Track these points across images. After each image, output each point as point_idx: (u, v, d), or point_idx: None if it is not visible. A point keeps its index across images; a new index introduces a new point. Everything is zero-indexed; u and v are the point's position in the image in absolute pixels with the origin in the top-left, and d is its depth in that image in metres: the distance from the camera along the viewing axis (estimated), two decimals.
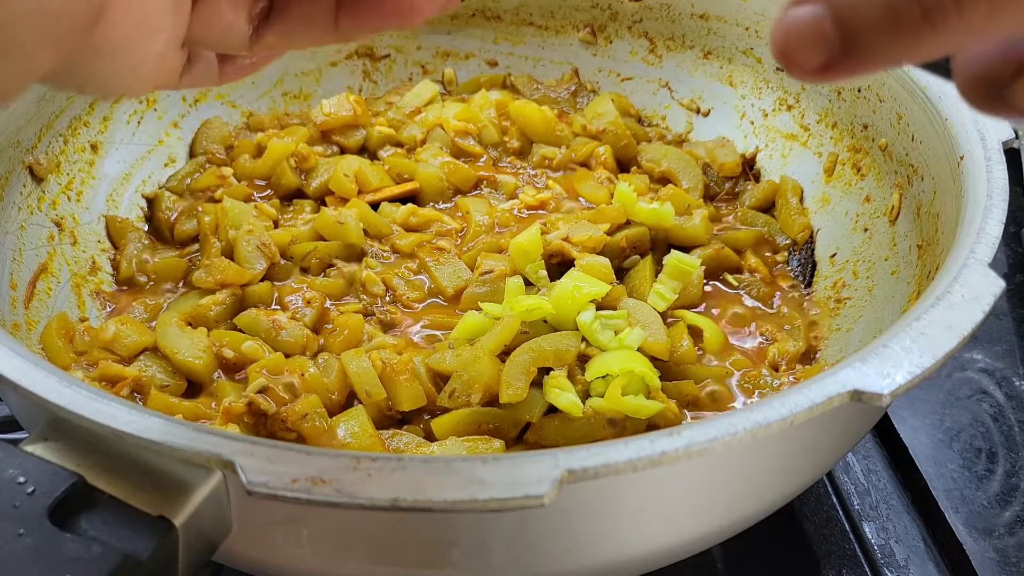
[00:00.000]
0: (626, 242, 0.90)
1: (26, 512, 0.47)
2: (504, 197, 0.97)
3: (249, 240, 0.87)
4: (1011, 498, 0.81)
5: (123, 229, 0.94)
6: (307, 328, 0.81)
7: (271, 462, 0.48)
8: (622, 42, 1.13)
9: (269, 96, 1.10)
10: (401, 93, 1.11)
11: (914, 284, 0.78)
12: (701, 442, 0.50)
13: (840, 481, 0.84)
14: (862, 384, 0.53)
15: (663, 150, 1.02)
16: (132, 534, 0.48)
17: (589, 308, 0.77)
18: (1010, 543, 0.78)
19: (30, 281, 0.82)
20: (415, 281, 0.88)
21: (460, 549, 0.54)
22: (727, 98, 1.08)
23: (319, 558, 0.55)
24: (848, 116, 0.95)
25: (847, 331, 0.85)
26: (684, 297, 0.86)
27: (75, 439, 0.51)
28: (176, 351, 0.78)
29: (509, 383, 0.72)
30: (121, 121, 0.98)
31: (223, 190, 0.96)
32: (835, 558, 0.78)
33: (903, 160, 0.86)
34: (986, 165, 0.72)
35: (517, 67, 1.16)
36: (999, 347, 0.96)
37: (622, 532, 0.56)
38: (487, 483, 0.47)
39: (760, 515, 0.64)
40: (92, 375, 0.76)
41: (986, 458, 0.85)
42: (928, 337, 0.56)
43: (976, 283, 0.60)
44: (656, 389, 0.75)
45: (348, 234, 0.89)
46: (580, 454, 0.49)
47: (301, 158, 0.97)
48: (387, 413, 0.75)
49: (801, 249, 0.96)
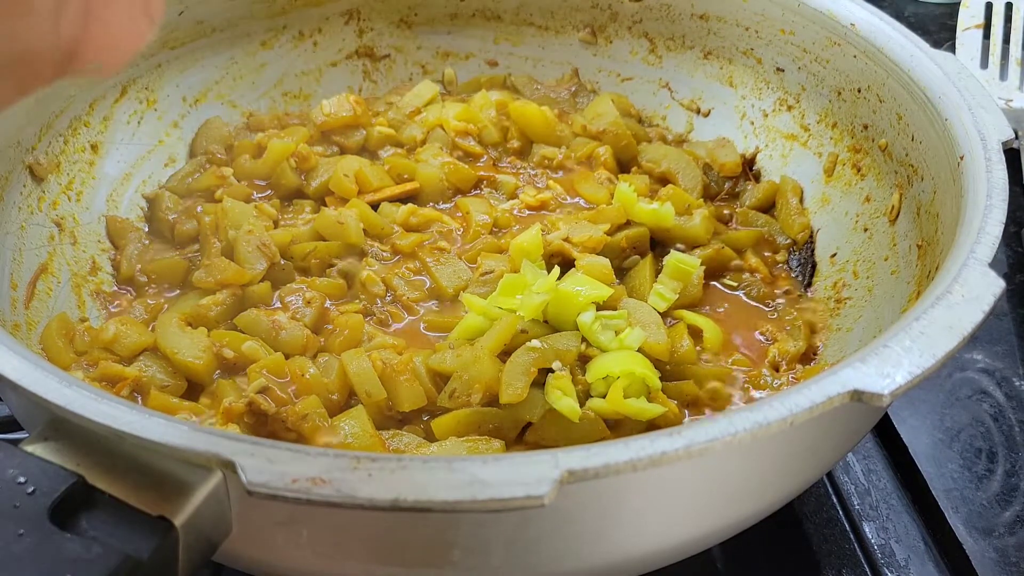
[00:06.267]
0: (626, 242, 0.90)
1: (26, 512, 0.47)
2: (504, 197, 0.97)
3: (249, 240, 0.87)
4: (1011, 498, 0.81)
5: (123, 229, 0.93)
6: (307, 328, 0.81)
7: (271, 462, 0.48)
8: (622, 42, 1.13)
9: (269, 96, 1.10)
10: (401, 93, 1.11)
11: (914, 284, 0.78)
12: (701, 442, 0.50)
13: (840, 481, 0.84)
14: (862, 384, 0.53)
15: (663, 150, 1.02)
16: (132, 534, 0.48)
17: (589, 308, 0.78)
18: (1010, 543, 0.78)
19: (30, 281, 0.82)
20: (415, 281, 0.88)
21: (460, 549, 0.54)
22: (727, 98, 1.08)
23: (319, 558, 0.55)
24: (848, 116, 0.95)
25: (847, 331, 0.85)
26: (684, 297, 0.86)
27: (75, 439, 0.51)
28: (176, 351, 0.78)
29: (509, 383, 0.72)
30: (121, 121, 0.98)
31: (223, 190, 0.96)
32: (835, 558, 0.78)
33: (903, 160, 0.86)
34: (986, 165, 0.72)
35: (517, 67, 1.16)
36: (999, 347, 0.96)
37: (622, 532, 0.56)
38: (487, 483, 0.47)
39: (760, 515, 0.64)
40: (92, 375, 0.76)
41: (986, 458, 0.85)
42: (928, 337, 0.56)
43: (976, 283, 0.60)
44: (656, 390, 0.75)
45: (348, 234, 0.89)
46: (580, 454, 0.49)
47: (301, 158, 0.97)
48: (387, 413, 0.75)
49: (801, 249, 0.96)
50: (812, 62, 0.98)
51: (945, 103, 0.79)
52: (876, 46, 0.89)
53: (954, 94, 0.79)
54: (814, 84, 0.99)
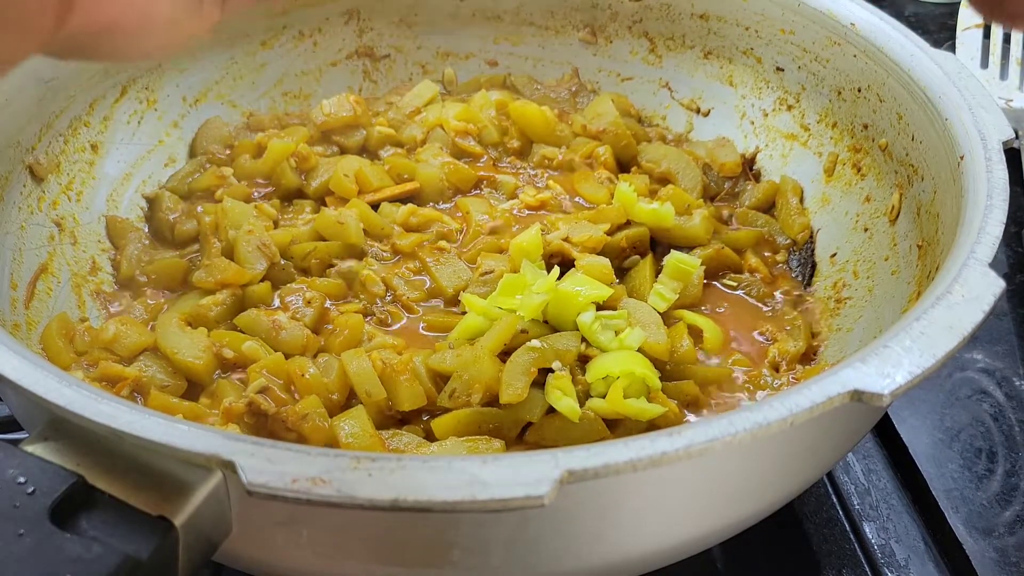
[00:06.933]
0: (626, 242, 0.90)
1: (26, 512, 0.47)
2: (504, 197, 0.97)
3: (249, 240, 0.87)
4: (1011, 498, 0.81)
5: (123, 229, 0.93)
6: (307, 328, 0.81)
7: (271, 462, 0.48)
8: (622, 42, 1.13)
9: (269, 96, 1.10)
10: (401, 93, 1.11)
11: (914, 284, 0.78)
12: (701, 442, 0.50)
13: (840, 481, 0.84)
14: (862, 384, 0.53)
15: (663, 150, 1.02)
16: (132, 534, 0.48)
17: (589, 308, 0.78)
18: (1010, 543, 0.78)
19: (30, 281, 0.82)
20: (415, 281, 0.88)
21: (460, 549, 0.54)
22: (727, 98, 1.08)
23: (319, 558, 0.55)
24: (848, 116, 0.95)
25: (847, 331, 0.85)
26: (684, 297, 0.86)
27: (75, 439, 0.51)
28: (176, 351, 0.78)
29: (509, 383, 0.72)
30: (121, 121, 0.98)
31: (223, 190, 0.96)
32: (835, 558, 0.78)
33: (903, 160, 0.86)
34: (986, 165, 0.71)
35: (517, 67, 1.16)
36: (999, 347, 0.96)
37: (622, 532, 0.56)
38: (487, 483, 0.47)
39: (760, 515, 0.64)
40: (92, 375, 0.76)
41: (986, 458, 0.85)
42: (928, 337, 0.56)
43: (976, 283, 0.60)
44: (656, 390, 0.75)
45: (348, 234, 0.89)
46: (580, 454, 0.49)
47: (301, 158, 0.97)
48: (387, 413, 0.75)
49: (801, 249, 0.96)
50: (812, 62, 0.98)
51: (945, 103, 0.79)
52: (876, 46, 0.89)
53: (954, 94, 0.79)
54: (814, 84, 0.99)
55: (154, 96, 1.02)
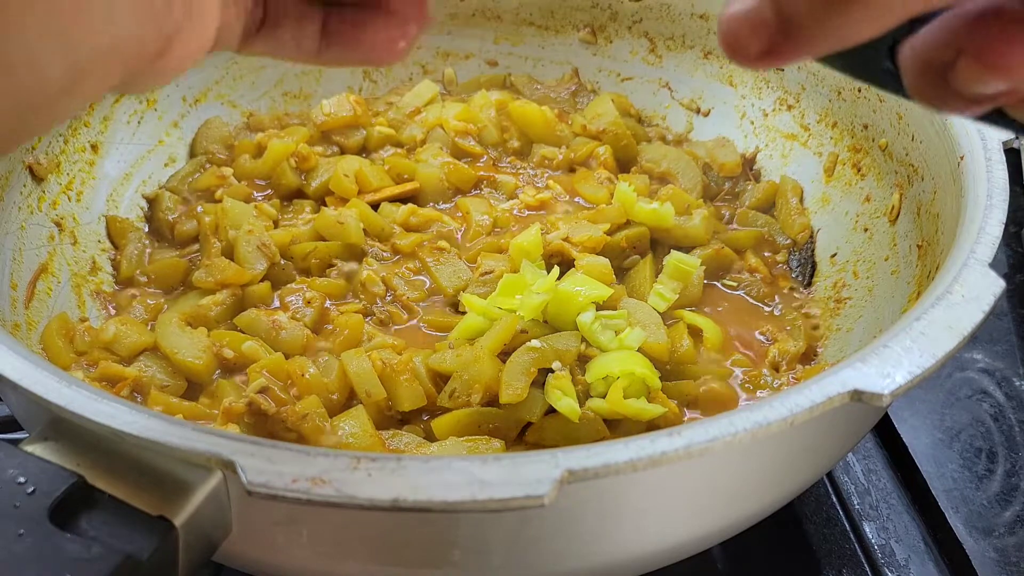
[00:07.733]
0: (626, 242, 0.90)
1: (26, 512, 0.47)
2: (504, 197, 0.97)
3: (249, 240, 0.87)
4: (1011, 498, 0.81)
5: (123, 229, 0.93)
6: (307, 328, 0.81)
7: (271, 462, 0.48)
8: (622, 42, 1.13)
9: (269, 96, 1.10)
10: (401, 93, 1.11)
11: (914, 284, 0.78)
12: (701, 442, 0.50)
13: (840, 481, 0.84)
14: (862, 384, 0.53)
15: (663, 150, 1.02)
16: (132, 534, 0.48)
17: (589, 308, 0.78)
18: (1010, 543, 0.78)
19: (30, 281, 0.82)
20: (415, 281, 0.88)
21: (460, 549, 0.54)
22: (727, 98, 1.08)
23: (319, 558, 0.55)
24: (848, 116, 0.95)
25: (847, 331, 0.85)
26: (684, 297, 0.86)
27: (75, 439, 0.51)
28: (176, 351, 0.78)
29: (509, 383, 0.72)
30: (121, 121, 0.98)
31: (223, 190, 0.96)
32: (835, 558, 0.78)
33: (903, 160, 0.86)
34: (986, 165, 0.71)
35: (517, 67, 1.16)
36: (999, 347, 0.96)
37: (622, 532, 0.56)
38: (487, 483, 0.47)
39: (760, 515, 0.64)
40: (92, 375, 0.76)
41: (986, 458, 0.85)
42: (928, 337, 0.56)
43: (976, 283, 0.60)
44: (656, 390, 0.75)
45: (348, 234, 0.89)
46: (580, 454, 0.49)
47: (301, 158, 0.97)
48: (387, 413, 0.75)
49: (801, 249, 0.96)
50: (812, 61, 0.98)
51: None
52: None
53: None
54: (814, 83, 0.99)
55: (154, 96, 1.02)
